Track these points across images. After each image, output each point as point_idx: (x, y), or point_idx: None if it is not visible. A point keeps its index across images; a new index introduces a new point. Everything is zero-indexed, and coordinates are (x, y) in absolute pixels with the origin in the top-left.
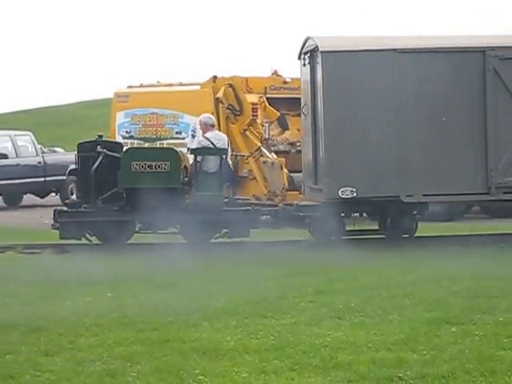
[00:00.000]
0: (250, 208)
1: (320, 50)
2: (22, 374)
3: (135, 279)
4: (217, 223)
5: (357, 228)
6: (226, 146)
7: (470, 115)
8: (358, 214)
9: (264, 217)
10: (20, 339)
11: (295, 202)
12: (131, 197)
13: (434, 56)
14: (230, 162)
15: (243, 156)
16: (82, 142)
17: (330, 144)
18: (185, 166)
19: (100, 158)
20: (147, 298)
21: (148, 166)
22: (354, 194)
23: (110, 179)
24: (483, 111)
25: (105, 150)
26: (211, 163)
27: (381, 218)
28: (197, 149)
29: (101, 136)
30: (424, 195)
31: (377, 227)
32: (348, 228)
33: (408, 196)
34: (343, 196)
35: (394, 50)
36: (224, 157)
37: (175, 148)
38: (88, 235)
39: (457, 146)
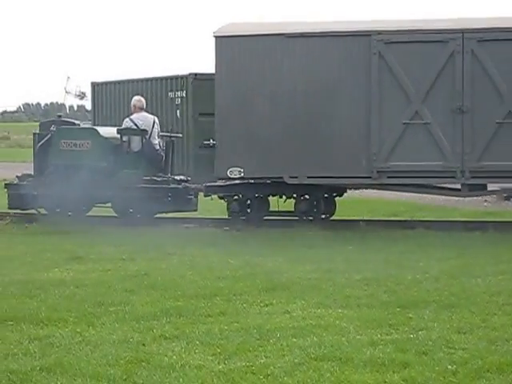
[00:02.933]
0: (159, 186)
1: (214, 34)
2: (435, 351)
3: None
4: (134, 200)
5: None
6: (150, 128)
7: (356, 99)
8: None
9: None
10: (432, 316)
11: (203, 184)
12: (61, 173)
13: (321, 40)
14: (156, 142)
15: (178, 137)
16: (43, 120)
17: (220, 125)
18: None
19: (48, 136)
20: None
21: (73, 145)
22: (242, 174)
23: None
24: (368, 95)
25: (54, 129)
26: (134, 143)
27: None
28: (121, 129)
29: (60, 116)
30: (308, 177)
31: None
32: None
33: (292, 177)
34: (231, 176)
35: (283, 34)
36: (147, 137)
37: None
38: (35, 207)
39: (342, 129)
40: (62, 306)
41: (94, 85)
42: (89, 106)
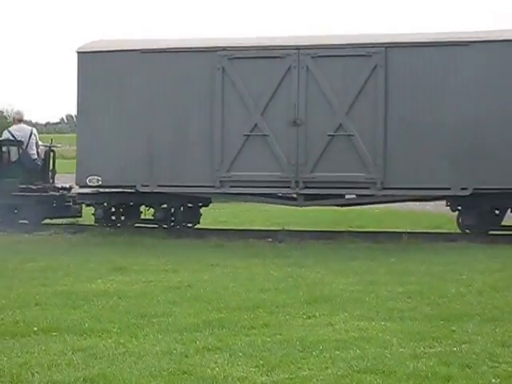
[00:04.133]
0: (34, 194)
1: (76, 50)
2: (478, 365)
3: None
4: (11, 207)
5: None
6: (27, 139)
7: (202, 111)
8: None
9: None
10: (476, 329)
11: (76, 191)
12: None
13: (171, 56)
14: (34, 152)
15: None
16: None
17: (81, 135)
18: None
19: None
20: None
21: None
22: (100, 183)
23: None
24: (213, 108)
25: None
26: (12, 153)
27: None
28: (0, 140)
29: None
30: (159, 186)
31: None
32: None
33: (144, 186)
34: (90, 184)
35: (138, 50)
36: (24, 148)
37: None
38: None
39: (190, 140)
40: (105, 316)
41: None
42: None
